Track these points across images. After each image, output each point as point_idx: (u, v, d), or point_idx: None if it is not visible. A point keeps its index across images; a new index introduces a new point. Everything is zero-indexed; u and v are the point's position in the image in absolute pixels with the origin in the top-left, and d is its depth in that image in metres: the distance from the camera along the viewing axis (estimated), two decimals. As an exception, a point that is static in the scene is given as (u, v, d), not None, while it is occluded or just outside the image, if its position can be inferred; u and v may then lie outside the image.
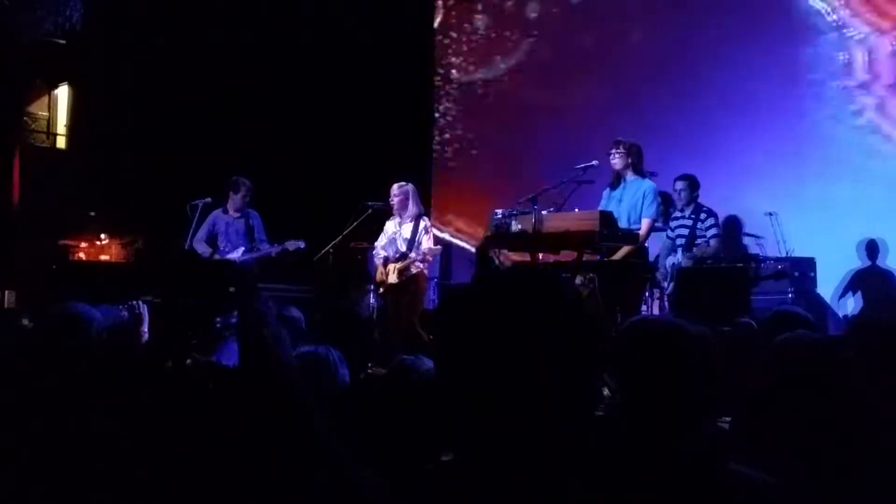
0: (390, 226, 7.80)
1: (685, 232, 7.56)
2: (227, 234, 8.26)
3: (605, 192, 6.72)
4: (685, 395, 1.83)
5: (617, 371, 1.96)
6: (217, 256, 8.07)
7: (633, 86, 10.02)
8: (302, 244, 7.96)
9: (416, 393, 2.23)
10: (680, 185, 7.61)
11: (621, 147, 6.61)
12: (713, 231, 7.49)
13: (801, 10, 9.26)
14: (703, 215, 7.52)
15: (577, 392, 1.55)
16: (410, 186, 7.78)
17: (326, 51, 10.94)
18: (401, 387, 2.27)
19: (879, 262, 8.41)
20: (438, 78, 11.98)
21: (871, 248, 8.40)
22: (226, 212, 8.31)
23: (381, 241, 7.79)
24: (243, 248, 8.14)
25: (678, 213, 7.68)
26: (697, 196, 7.63)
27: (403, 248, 7.61)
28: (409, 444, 2.09)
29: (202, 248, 8.23)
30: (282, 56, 10.96)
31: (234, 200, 8.27)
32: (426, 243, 7.58)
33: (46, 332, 2.94)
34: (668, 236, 7.76)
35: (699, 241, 7.51)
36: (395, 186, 7.73)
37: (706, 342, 1.91)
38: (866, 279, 8.38)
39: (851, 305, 8.51)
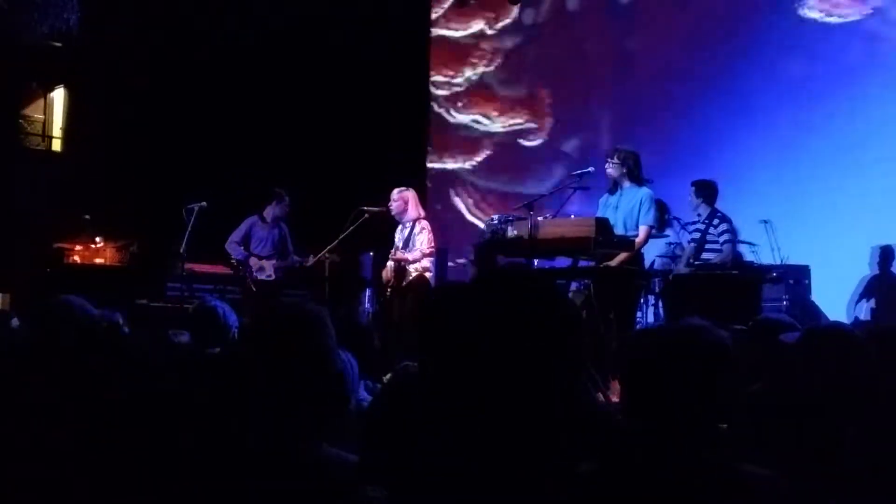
0: (397, 234, 7.82)
1: (698, 236, 7.51)
2: (261, 239, 8.65)
3: (603, 199, 6.73)
4: (700, 399, 1.83)
5: (629, 376, 1.95)
6: (251, 257, 8.60)
7: (629, 92, 10.07)
8: (337, 258, 8.28)
9: (420, 398, 2.23)
10: (690, 190, 7.58)
11: (616, 157, 6.61)
12: (726, 237, 7.40)
13: (797, 22, 9.32)
14: (716, 220, 7.43)
15: (563, 395, 1.56)
16: (411, 192, 7.77)
17: (323, 56, 10.95)
18: (405, 392, 2.28)
19: (894, 269, 8.41)
20: (435, 81, 12.01)
21: (885, 254, 8.40)
22: (262, 219, 8.71)
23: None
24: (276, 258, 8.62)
25: (695, 217, 7.64)
26: (713, 200, 7.53)
27: (397, 255, 7.63)
28: (414, 448, 2.09)
29: (235, 250, 8.59)
30: (279, 61, 10.97)
31: (275, 210, 8.70)
32: (418, 244, 7.59)
33: (42, 318, 2.97)
34: (687, 240, 7.76)
35: (710, 246, 7.47)
36: (395, 191, 7.72)
37: (725, 347, 1.90)
38: (879, 286, 8.38)
39: (864, 311, 8.52)
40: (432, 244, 7.72)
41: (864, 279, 8.49)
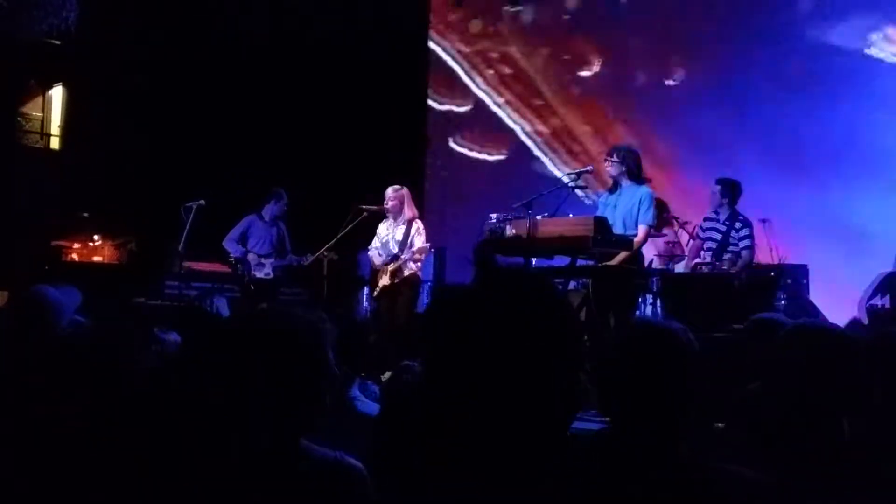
0: (382, 228, 7.84)
1: (717, 237, 7.44)
2: (259, 238, 8.61)
3: (602, 198, 6.73)
4: (678, 396, 1.84)
5: (608, 374, 1.96)
6: (249, 255, 8.53)
7: (627, 92, 10.07)
8: (336, 256, 8.28)
9: (418, 396, 2.23)
10: (715, 188, 7.51)
11: (615, 155, 6.60)
12: (746, 242, 7.33)
13: (796, 22, 9.33)
14: (737, 224, 7.36)
15: (565, 393, 1.57)
16: (405, 190, 7.82)
17: (321, 55, 10.94)
18: (404, 390, 2.27)
19: None
20: (432, 80, 12.01)
21: None
22: (261, 217, 8.68)
23: (375, 243, 7.82)
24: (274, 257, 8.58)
25: (711, 216, 7.58)
26: (736, 202, 7.46)
27: (395, 251, 7.63)
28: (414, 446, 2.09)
29: (233, 248, 8.56)
30: (276, 60, 10.97)
31: (273, 209, 8.66)
32: (418, 243, 7.61)
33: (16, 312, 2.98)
34: (698, 236, 7.70)
35: (730, 248, 7.42)
36: (391, 190, 7.76)
37: (690, 344, 1.92)
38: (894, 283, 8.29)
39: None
40: (425, 244, 7.77)
41: (880, 276, 8.36)
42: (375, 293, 7.77)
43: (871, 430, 2.23)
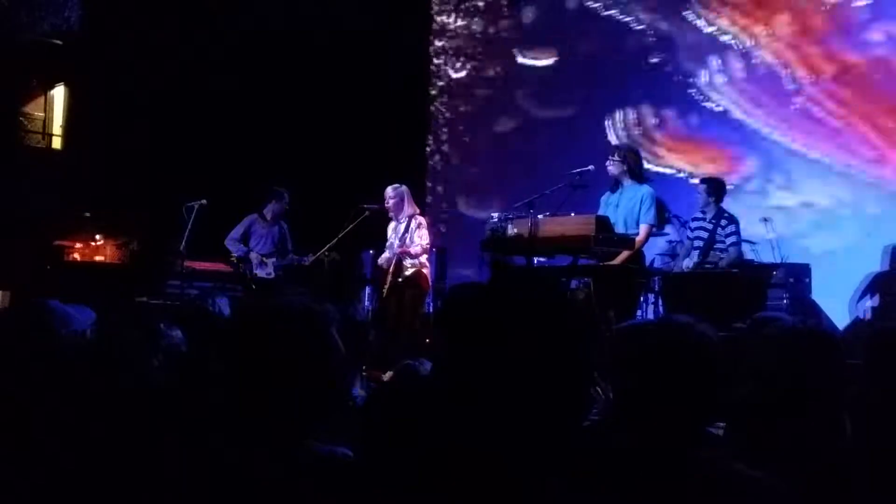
0: (389, 231, 7.85)
1: (704, 235, 7.46)
2: (261, 237, 8.64)
3: (604, 198, 6.74)
4: (686, 395, 1.82)
5: (614, 374, 1.95)
6: (251, 255, 8.57)
7: (628, 90, 10.07)
8: (337, 256, 8.33)
9: (419, 396, 2.22)
10: (700, 187, 7.56)
11: (617, 154, 6.63)
12: (733, 238, 7.35)
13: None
14: (723, 221, 7.38)
15: (575, 395, 1.57)
16: (404, 188, 7.83)
17: (323, 54, 10.94)
18: (405, 390, 2.27)
19: None
20: (434, 80, 12.01)
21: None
22: (263, 217, 8.69)
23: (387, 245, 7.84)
24: (276, 256, 8.61)
25: (699, 215, 7.59)
26: (721, 199, 7.49)
27: (398, 249, 7.66)
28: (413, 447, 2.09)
29: (235, 247, 8.58)
30: (277, 59, 10.97)
31: (274, 208, 8.68)
32: (417, 239, 7.62)
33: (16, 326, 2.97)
34: (687, 237, 7.72)
35: (717, 245, 7.43)
36: (390, 189, 7.77)
37: (706, 341, 1.89)
38: (886, 283, 8.29)
39: (863, 310, 8.45)
40: (429, 240, 7.76)
41: (868, 276, 8.37)
42: (384, 292, 7.76)
43: (871, 430, 2.23)
